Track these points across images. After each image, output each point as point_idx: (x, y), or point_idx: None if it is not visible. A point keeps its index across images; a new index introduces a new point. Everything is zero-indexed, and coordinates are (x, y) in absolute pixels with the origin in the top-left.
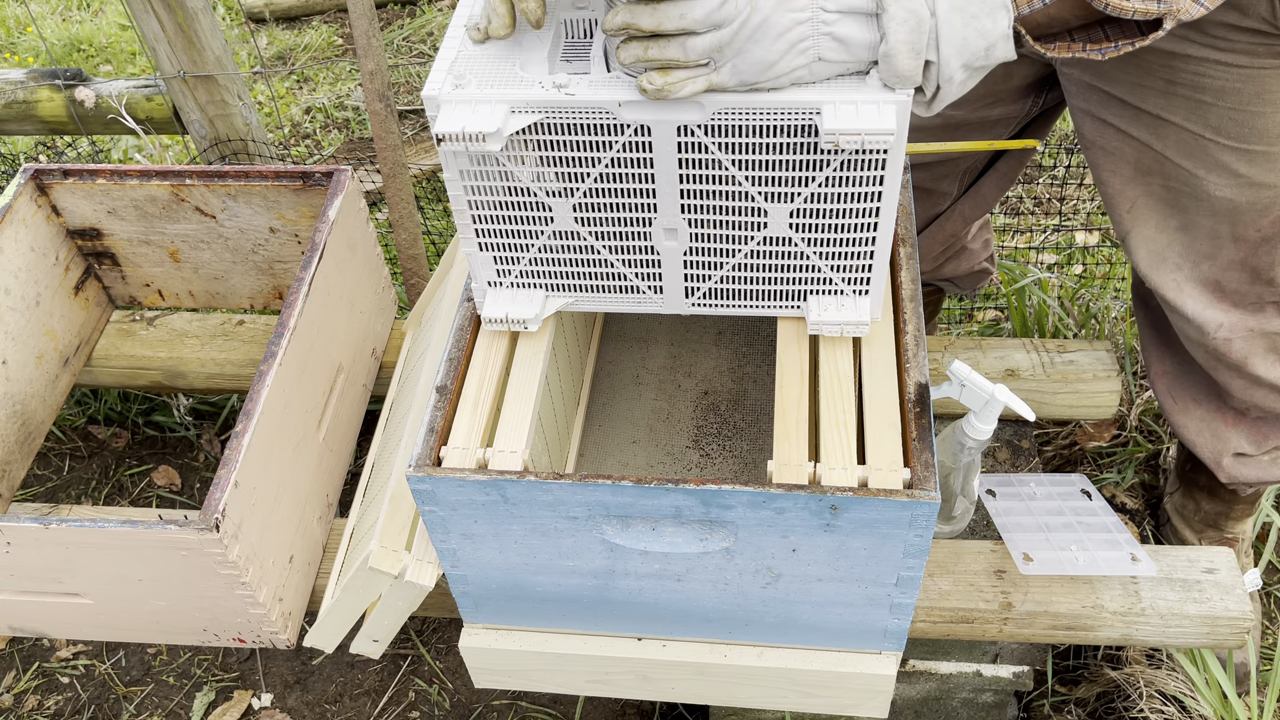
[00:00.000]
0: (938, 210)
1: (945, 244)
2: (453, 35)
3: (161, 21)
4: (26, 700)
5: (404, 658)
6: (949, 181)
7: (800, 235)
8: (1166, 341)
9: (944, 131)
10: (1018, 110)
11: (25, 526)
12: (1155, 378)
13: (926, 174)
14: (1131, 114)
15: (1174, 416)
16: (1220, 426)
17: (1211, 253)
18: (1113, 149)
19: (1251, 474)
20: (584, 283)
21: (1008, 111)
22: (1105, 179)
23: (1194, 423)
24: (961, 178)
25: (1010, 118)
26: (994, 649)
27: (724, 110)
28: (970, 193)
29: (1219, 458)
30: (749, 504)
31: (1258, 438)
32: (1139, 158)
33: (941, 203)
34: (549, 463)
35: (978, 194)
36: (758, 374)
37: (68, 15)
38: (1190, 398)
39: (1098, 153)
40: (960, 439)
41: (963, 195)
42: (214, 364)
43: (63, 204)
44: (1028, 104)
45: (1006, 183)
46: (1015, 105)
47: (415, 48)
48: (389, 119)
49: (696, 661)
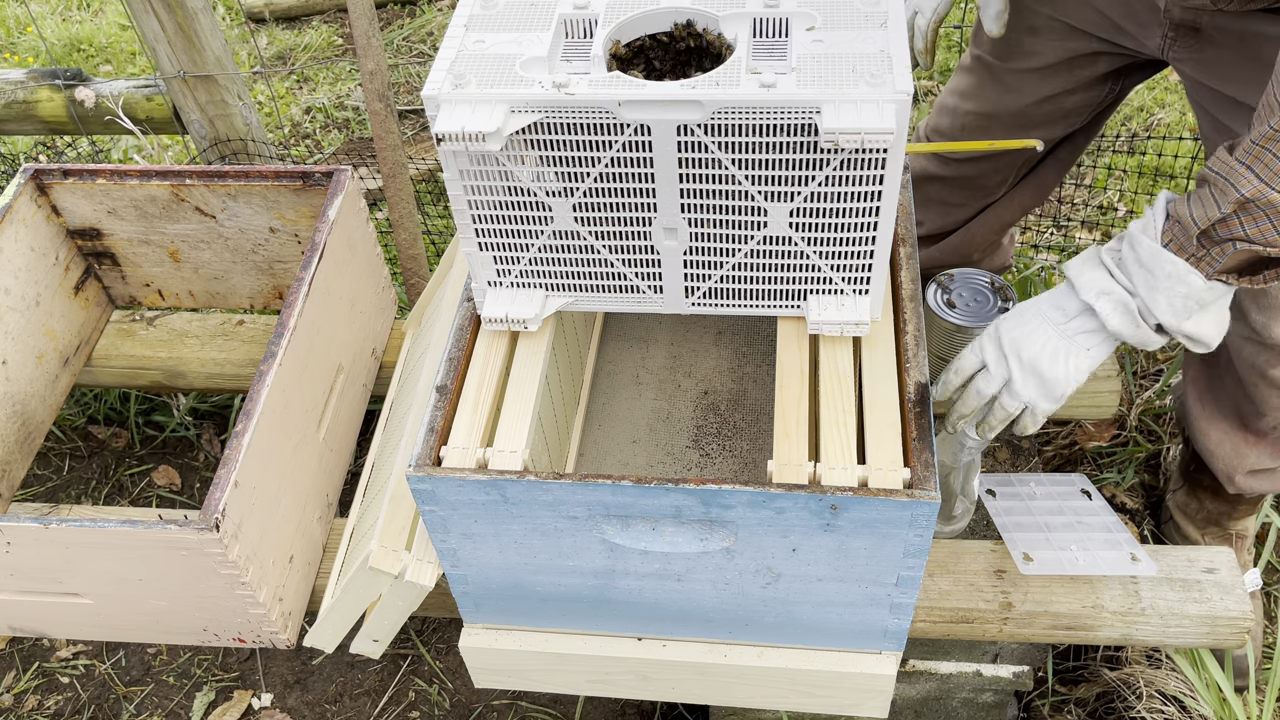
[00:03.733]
0: (990, 200)
1: (998, 233)
2: (453, 35)
3: (161, 21)
4: (26, 700)
5: (404, 658)
6: (1006, 170)
7: (800, 235)
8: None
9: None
10: (1094, 97)
11: (25, 526)
12: (1190, 381)
13: (989, 165)
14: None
15: (1199, 423)
16: (1242, 444)
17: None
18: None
19: (1264, 487)
20: (584, 282)
21: (1085, 99)
22: None
23: (1217, 433)
24: (1020, 168)
25: (1085, 106)
26: (994, 649)
27: (724, 110)
28: (1028, 180)
29: (1233, 473)
30: (749, 504)
31: (1278, 453)
32: None
33: (995, 192)
34: (549, 463)
35: (1036, 181)
36: (758, 374)
37: (68, 15)
38: (1217, 410)
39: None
40: (960, 439)
41: (1020, 183)
42: (214, 364)
43: (63, 204)
44: (1103, 92)
45: (1065, 168)
46: (1093, 92)
47: (415, 48)
48: (389, 119)
49: (696, 661)
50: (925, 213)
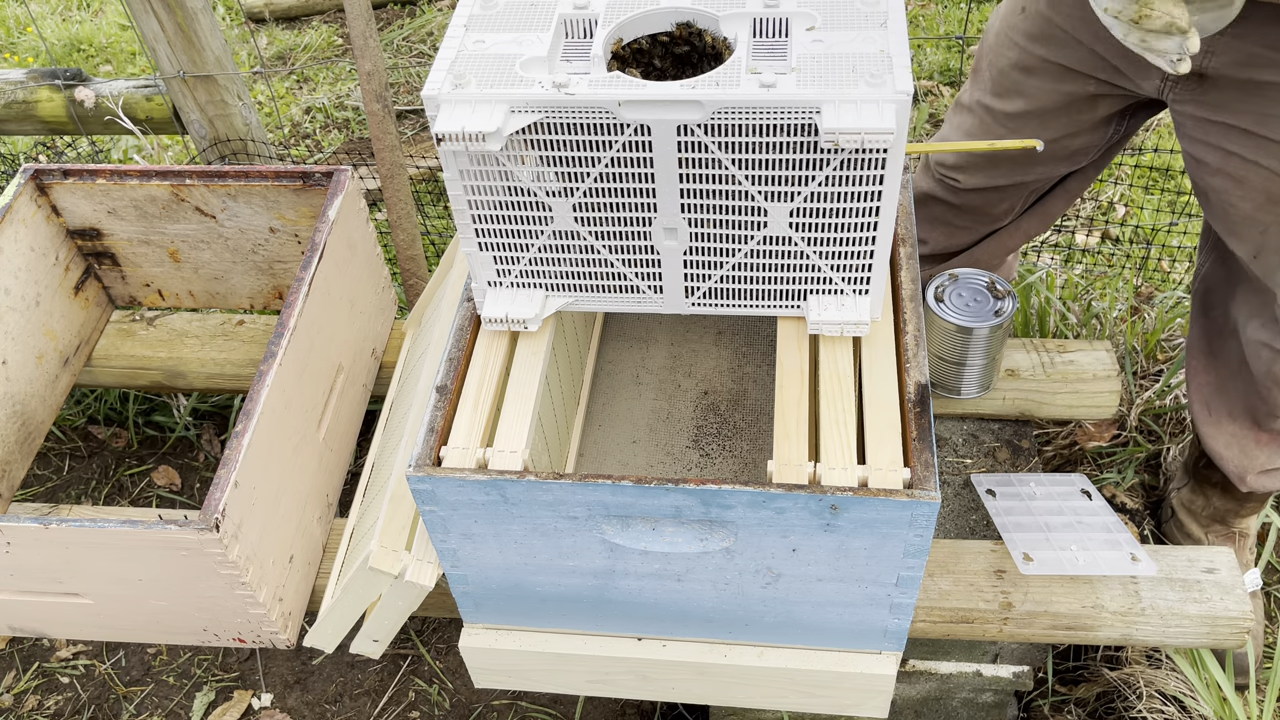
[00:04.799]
0: (996, 227)
1: (1000, 257)
2: (453, 35)
3: (161, 21)
4: (26, 700)
5: (404, 658)
6: (1013, 199)
7: (800, 235)
8: (1215, 353)
9: (1023, 162)
10: (1099, 139)
11: (25, 526)
12: (1194, 388)
13: (995, 195)
14: (1257, 143)
15: (1204, 427)
16: (1251, 445)
17: None
18: (1240, 176)
19: (1276, 485)
20: (584, 282)
21: (1089, 141)
22: (1234, 203)
23: (1224, 436)
24: (1027, 197)
25: (1091, 146)
26: (994, 649)
27: (724, 110)
28: (1034, 210)
29: (1244, 473)
30: (749, 504)
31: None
32: (1268, 186)
33: (1002, 220)
34: (549, 463)
35: (1043, 211)
36: (758, 374)
37: (68, 15)
38: (1226, 413)
39: (1220, 179)
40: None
41: (1026, 212)
42: (214, 364)
43: (63, 204)
44: (1109, 133)
45: (1072, 199)
46: (1097, 134)
47: (415, 48)
48: (387, 119)
49: (696, 661)
50: (930, 232)
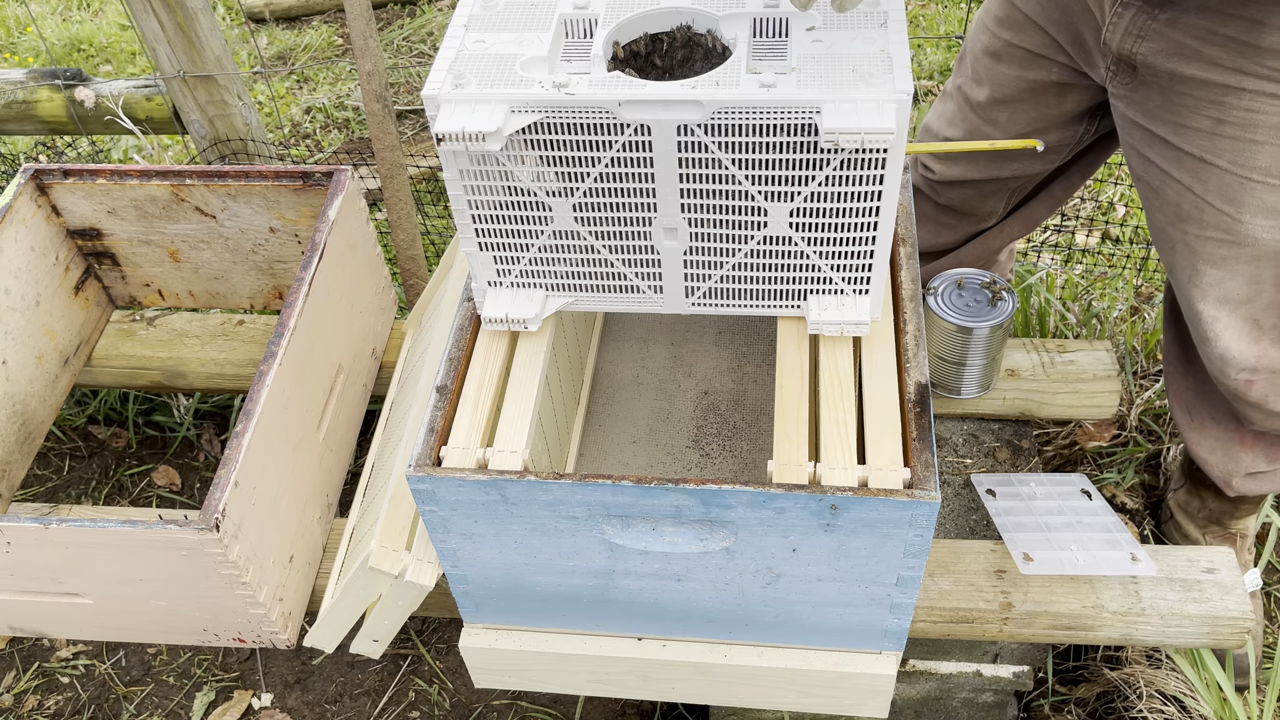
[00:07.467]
0: (983, 227)
1: (986, 259)
2: (453, 35)
3: (161, 21)
4: (26, 700)
5: (404, 658)
6: (995, 200)
7: (800, 235)
8: (1190, 359)
9: (995, 158)
10: (1069, 137)
11: (25, 526)
12: (1174, 394)
13: (974, 192)
14: (1174, 155)
15: (1188, 433)
16: (1235, 448)
17: (1251, 296)
18: (1156, 186)
19: (1263, 488)
20: (584, 282)
21: (1059, 138)
22: (1150, 214)
23: (1208, 441)
24: (1009, 197)
25: (1062, 145)
26: (994, 649)
27: (724, 110)
28: (1019, 213)
29: (1229, 477)
30: (749, 504)
31: (1274, 455)
32: (1179, 201)
33: (987, 221)
34: (549, 463)
35: (1027, 214)
36: (758, 374)
37: (68, 15)
38: (1208, 416)
39: (1143, 187)
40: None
41: (1010, 214)
42: (214, 364)
43: (63, 204)
44: (1079, 131)
45: (1057, 204)
46: (1066, 132)
47: (415, 48)
48: (387, 119)
49: (696, 661)
50: (917, 228)
